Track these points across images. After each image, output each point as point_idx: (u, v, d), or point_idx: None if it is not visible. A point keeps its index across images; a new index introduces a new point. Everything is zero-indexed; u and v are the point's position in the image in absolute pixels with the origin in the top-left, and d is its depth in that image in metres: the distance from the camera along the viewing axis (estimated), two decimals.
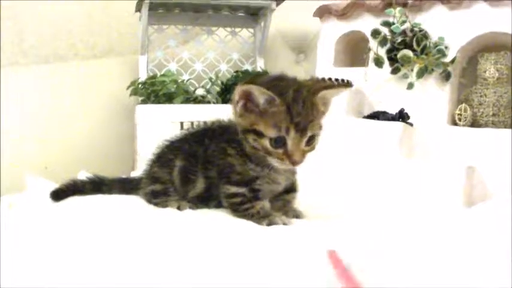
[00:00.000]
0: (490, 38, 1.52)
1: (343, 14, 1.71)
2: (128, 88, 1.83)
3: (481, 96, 1.54)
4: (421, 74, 1.50)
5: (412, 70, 1.53)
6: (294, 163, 1.00)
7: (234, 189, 1.09)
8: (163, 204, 1.16)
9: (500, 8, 1.49)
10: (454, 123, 1.55)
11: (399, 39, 1.56)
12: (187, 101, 1.80)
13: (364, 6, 1.67)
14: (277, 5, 1.89)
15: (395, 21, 1.58)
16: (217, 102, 1.81)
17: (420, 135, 1.52)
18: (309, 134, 0.98)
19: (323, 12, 1.76)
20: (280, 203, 1.15)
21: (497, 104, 1.51)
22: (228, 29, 2.06)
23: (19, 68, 2.00)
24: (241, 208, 1.08)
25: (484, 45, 1.57)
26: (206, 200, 1.16)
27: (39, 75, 2.00)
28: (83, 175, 1.54)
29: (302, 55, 2.17)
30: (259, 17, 2.02)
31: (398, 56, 1.50)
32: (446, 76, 1.53)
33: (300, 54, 2.17)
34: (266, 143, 1.01)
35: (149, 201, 1.20)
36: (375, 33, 1.59)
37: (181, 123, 1.70)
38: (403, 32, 1.57)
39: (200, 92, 1.89)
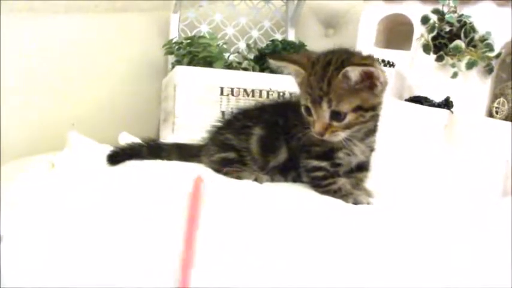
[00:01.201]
0: None
1: None
2: (163, 46, 1.83)
3: None
4: (470, 65, 1.58)
5: (459, 60, 1.61)
6: (317, 133, 1.05)
7: (315, 162, 1.14)
8: (236, 174, 1.17)
9: None
10: (490, 115, 1.65)
11: (447, 28, 1.63)
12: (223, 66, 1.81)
13: None
14: None
15: (445, 9, 1.64)
16: (254, 70, 1.83)
17: (459, 124, 1.61)
18: (325, 108, 1.02)
19: None
20: (353, 181, 1.18)
21: None
22: None
23: (37, 15, 1.92)
24: (323, 183, 1.13)
25: None
26: (285, 171, 1.20)
27: (60, 25, 1.94)
28: (124, 137, 1.55)
29: (331, 30, 2.21)
30: None
31: (451, 46, 1.58)
32: (490, 70, 1.61)
33: (328, 28, 2.21)
34: (303, 109, 1.09)
35: (217, 170, 1.19)
36: (425, 19, 1.66)
37: (221, 89, 1.72)
38: (449, 22, 1.64)
39: (233, 57, 1.90)
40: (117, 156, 1.24)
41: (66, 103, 1.83)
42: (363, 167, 1.21)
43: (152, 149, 1.29)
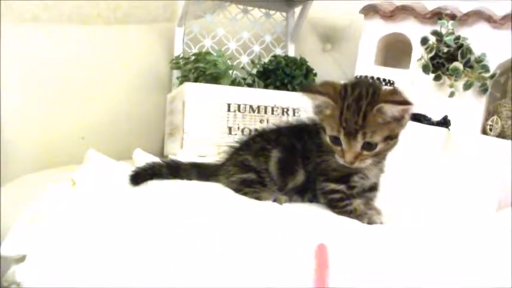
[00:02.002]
0: None
1: (390, 15, 1.87)
2: (170, 62, 1.91)
3: (510, 110, 1.77)
4: (468, 87, 1.70)
5: (456, 81, 1.72)
6: (347, 162, 1.14)
7: (333, 185, 1.24)
8: (256, 195, 1.25)
9: None
10: (484, 133, 1.77)
11: (445, 49, 1.75)
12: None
13: (412, 12, 1.84)
14: None
15: (443, 31, 1.76)
16: (258, 86, 1.93)
17: (456, 142, 1.72)
18: (359, 140, 1.11)
19: (369, 11, 1.91)
20: (364, 201, 1.28)
21: None
22: (263, 10, 2.17)
23: (40, 25, 1.95)
24: (341, 205, 1.23)
25: None
26: (302, 192, 1.30)
27: (63, 36, 1.97)
28: (139, 154, 1.63)
29: (329, 45, 2.32)
30: (295, 2, 2.14)
31: (450, 67, 1.69)
32: (484, 90, 1.74)
33: (327, 43, 2.32)
34: (327, 139, 1.17)
35: (237, 190, 1.28)
36: (424, 40, 1.77)
37: (229, 105, 1.81)
38: (446, 43, 1.76)
39: (237, 72, 2.00)
40: (139, 177, 1.32)
41: (70, 116, 1.88)
42: (373, 187, 1.31)
43: (172, 169, 1.36)
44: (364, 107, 1.12)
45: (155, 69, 2.03)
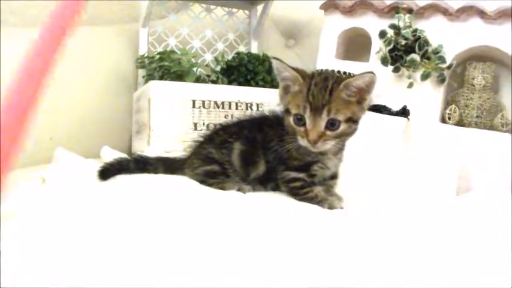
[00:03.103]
0: (480, 50, 1.84)
1: (349, 11, 1.95)
2: (136, 61, 1.96)
3: (467, 99, 1.86)
4: (425, 77, 1.78)
5: (414, 71, 1.81)
6: (310, 142, 1.19)
7: (294, 174, 1.30)
8: (220, 185, 1.31)
9: (493, 25, 1.80)
10: (443, 121, 1.86)
11: (403, 42, 1.83)
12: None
13: (370, 7, 1.92)
14: None
15: (400, 24, 1.84)
16: (222, 83, 1.99)
17: (415, 130, 1.81)
18: (324, 115, 1.17)
19: (329, 7, 1.99)
20: (324, 188, 1.34)
21: (481, 108, 1.84)
22: (226, 8, 2.23)
23: (9, 30, 1.97)
24: (302, 192, 1.29)
25: (472, 55, 1.88)
26: (264, 182, 1.37)
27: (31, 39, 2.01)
28: (107, 151, 1.68)
29: (292, 40, 2.39)
30: (257, 0, 2.21)
31: (407, 59, 1.78)
32: (442, 80, 1.82)
33: (289, 39, 2.39)
34: (291, 120, 1.23)
35: (202, 182, 1.33)
36: (383, 34, 1.85)
37: (193, 101, 1.86)
38: (405, 37, 1.84)
39: (201, 70, 2.05)
40: (107, 172, 1.36)
41: (38, 117, 1.92)
42: (333, 175, 1.38)
43: (139, 164, 1.41)
44: (331, 84, 1.19)
45: (121, 69, 2.07)
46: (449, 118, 1.83)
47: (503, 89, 1.90)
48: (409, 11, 1.85)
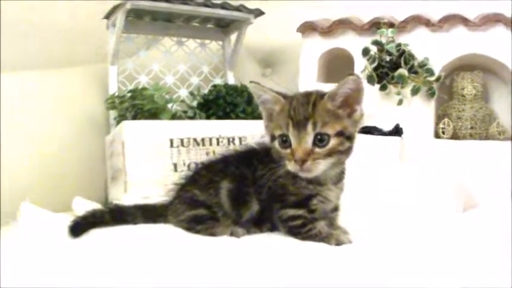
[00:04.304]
0: (467, 58, 1.67)
1: (328, 31, 1.76)
2: (105, 101, 1.74)
3: (459, 111, 1.68)
4: (416, 91, 1.60)
5: (402, 87, 1.62)
6: (298, 162, 0.99)
7: (292, 211, 1.09)
8: (210, 231, 1.10)
9: (478, 32, 1.63)
10: (437, 136, 1.66)
11: (387, 58, 1.64)
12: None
13: (349, 25, 1.73)
14: (256, 17, 1.89)
15: (383, 40, 1.66)
16: (200, 118, 1.77)
17: (411, 149, 1.61)
18: (309, 129, 0.99)
19: (306, 29, 1.80)
20: (327, 222, 1.14)
21: (475, 118, 1.66)
22: (198, 40, 2.03)
23: None
24: (303, 230, 1.08)
25: (459, 65, 1.70)
26: (259, 223, 1.15)
27: None
28: (79, 202, 1.45)
29: (269, 69, 2.20)
30: (230, 29, 2.02)
31: (396, 74, 1.59)
32: (432, 93, 1.64)
33: (266, 68, 2.20)
34: (277, 144, 1.04)
35: (189, 229, 1.12)
36: (366, 51, 1.67)
37: (171, 140, 1.64)
38: (387, 52, 1.66)
39: (176, 106, 1.84)
40: (79, 227, 1.14)
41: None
42: (335, 207, 1.17)
43: (115, 215, 1.19)
44: (314, 97, 1.02)
45: (91, 112, 1.85)
46: (443, 132, 1.65)
47: (493, 97, 1.73)
48: (391, 25, 1.67)
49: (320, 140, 1.00)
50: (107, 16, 1.83)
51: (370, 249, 1.02)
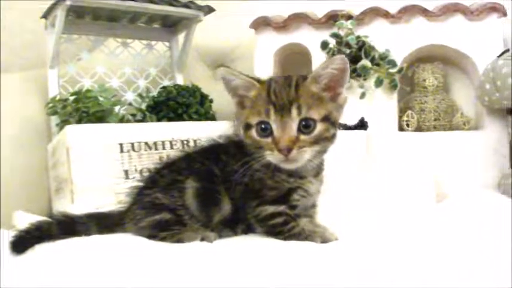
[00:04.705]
0: (427, 50, 1.59)
1: (283, 26, 1.64)
2: (46, 106, 1.55)
3: (421, 103, 1.60)
4: (380, 83, 1.51)
5: (365, 80, 1.52)
6: (282, 151, 0.88)
7: (272, 208, 0.97)
8: (177, 237, 0.96)
9: (438, 23, 1.57)
10: (401, 129, 1.58)
11: (347, 51, 1.55)
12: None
13: (305, 19, 1.63)
14: (206, 15, 1.75)
15: (341, 33, 1.56)
16: (151, 120, 1.61)
17: (376, 142, 1.52)
18: (294, 114, 0.88)
19: (260, 24, 1.68)
20: (308, 220, 1.03)
21: (438, 110, 1.58)
22: (144, 41, 1.87)
23: None
24: (285, 229, 0.96)
25: (418, 57, 1.63)
26: (232, 224, 1.01)
27: None
28: (21, 216, 1.28)
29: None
30: (177, 29, 1.87)
31: (358, 66, 1.49)
32: (394, 86, 1.55)
33: (216, 69, 2.05)
34: (254, 133, 0.93)
35: (152, 236, 0.98)
36: (325, 44, 1.56)
37: (121, 145, 1.47)
38: (347, 44, 1.56)
39: (123, 110, 1.67)
40: (22, 242, 0.98)
41: None
42: (312, 204, 1.05)
43: (64, 226, 1.03)
44: (296, 79, 0.92)
45: (30, 120, 1.65)
46: (407, 125, 1.57)
47: (454, 88, 1.67)
48: (349, 17, 1.57)
49: (306, 126, 0.89)
50: (45, 15, 1.65)
51: (359, 246, 0.92)
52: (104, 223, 1.06)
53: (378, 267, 0.75)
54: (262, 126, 0.91)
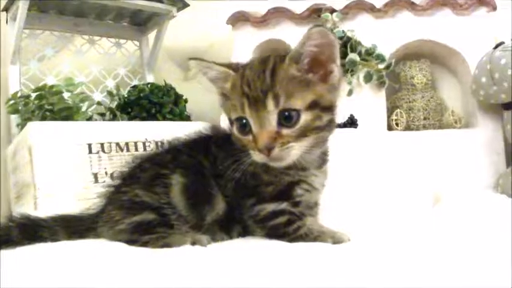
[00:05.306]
0: (414, 46, 1.49)
1: (262, 21, 1.50)
2: (6, 104, 1.36)
3: (409, 101, 1.49)
4: (369, 78, 1.39)
5: (352, 75, 1.39)
6: (262, 151, 0.74)
7: (271, 206, 0.81)
8: (163, 241, 0.79)
9: (425, 17, 1.47)
10: (389, 128, 1.45)
11: None
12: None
13: (286, 13, 1.49)
14: (179, 10, 1.60)
15: (326, 26, 1.43)
16: (122, 119, 1.44)
17: (366, 142, 1.38)
18: (271, 106, 0.73)
19: (237, 20, 1.54)
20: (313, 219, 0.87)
21: (427, 108, 1.48)
22: (112, 40, 1.69)
23: None
24: (291, 229, 0.81)
25: (405, 53, 1.52)
26: (227, 226, 0.84)
27: None
28: None
29: (191, 72, 1.89)
30: (148, 27, 1.71)
31: (346, 60, 1.36)
32: (382, 83, 1.43)
33: (188, 71, 1.89)
34: (235, 130, 0.79)
35: (132, 242, 0.80)
36: None
37: (89, 145, 1.29)
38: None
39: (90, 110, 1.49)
40: None
41: None
42: (316, 201, 0.90)
43: (27, 230, 0.86)
44: (272, 62, 0.76)
45: None
46: (396, 124, 1.44)
47: (441, 86, 1.56)
48: (332, 11, 1.44)
49: (287, 118, 0.74)
50: (6, 8, 1.46)
51: (373, 248, 0.77)
52: (73, 227, 0.89)
53: (392, 268, 0.62)
54: (241, 122, 0.76)
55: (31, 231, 0.85)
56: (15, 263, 0.75)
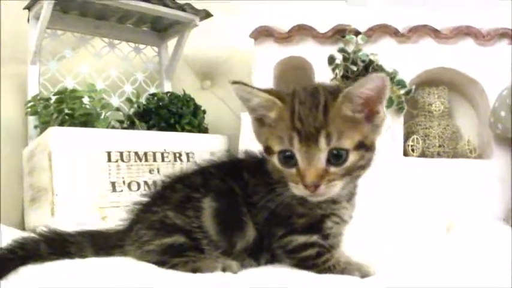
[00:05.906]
0: (433, 72, 1.49)
1: (286, 37, 1.50)
2: (25, 105, 1.35)
3: (426, 128, 1.49)
4: (390, 104, 1.38)
5: None
6: (308, 187, 0.74)
7: (302, 238, 0.82)
8: (192, 266, 0.79)
9: (448, 45, 1.47)
10: (405, 154, 1.46)
11: (354, 68, 1.42)
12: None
13: (310, 31, 1.49)
14: (202, 19, 1.59)
15: (349, 48, 1.44)
16: (141, 129, 1.43)
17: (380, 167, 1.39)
18: (323, 144, 0.73)
19: (260, 34, 1.53)
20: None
21: (443, 136, 1.48)
22: (132, 44, 1.69)
23: None
24: (320, 262, 0.81)
25: (424, 79, 1.52)
26: (256, 253, 0.85)
27: None
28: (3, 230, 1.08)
29: (208, 81, 1.89)
30: (168, 33, 1.70)
31: None
32: (401, 108, 1.44)
33: (205, 80, 1.89)
34: (276, 161, 0.78)
35: (160, 263, 0.81)
36: (331, 60, 1.43)
37: (109, 153, 1.29)
38: (354, 62, 1.43)
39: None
40: (4, 264, 0.79)
41: None
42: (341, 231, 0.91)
43: (54, 244, 0.85)
44: (324, 98, 0.75)
45: (4, 121, 1.44)
46: (412, 150, 1.45)
47: (457, 115, 1.56)
48: (356, 33, 1.44)
49: (336, 156, 0.74)
50: (29, 6, 1.45)
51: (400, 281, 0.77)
52: (100, 243, 0.88)
53: None
54: (286, 154, 0.76)
55: (59, 246, 0.85)
56: (46, 280, 0.75)
